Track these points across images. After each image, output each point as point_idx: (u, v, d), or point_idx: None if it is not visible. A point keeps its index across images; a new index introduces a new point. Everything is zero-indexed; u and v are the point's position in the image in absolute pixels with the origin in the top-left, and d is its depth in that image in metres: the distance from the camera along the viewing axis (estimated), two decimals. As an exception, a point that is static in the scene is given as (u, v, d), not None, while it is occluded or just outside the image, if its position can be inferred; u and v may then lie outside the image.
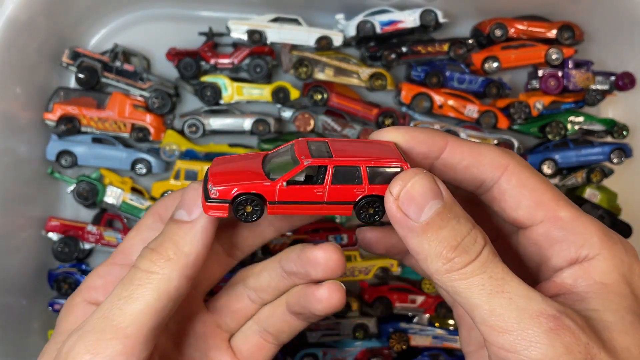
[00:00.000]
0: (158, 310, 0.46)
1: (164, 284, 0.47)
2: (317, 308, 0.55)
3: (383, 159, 0.48)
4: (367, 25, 1.31)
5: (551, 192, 0.51)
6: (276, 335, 0.62)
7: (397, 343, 1.37)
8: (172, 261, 0.47)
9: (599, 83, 1.39)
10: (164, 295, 0.46)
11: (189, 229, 0.48)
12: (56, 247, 1.28)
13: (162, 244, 0.48)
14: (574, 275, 0.48)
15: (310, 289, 0.56)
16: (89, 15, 1.30)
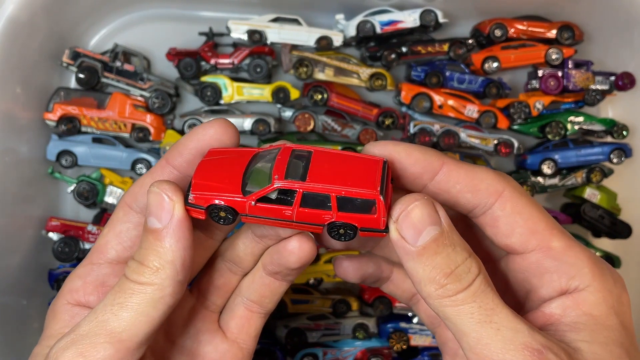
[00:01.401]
0: (154, 318, 0.47)
1: (157, 293, 0.47)
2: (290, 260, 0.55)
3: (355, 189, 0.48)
4: (367, 25, 1.31)
5: (545, 221, 0.51)
6: (259, 301, 0.62)
7: (397, 343, 1.37)
8: (160, 271, 0.47)
9: (599, 83, 1.39)
10: (159, 303, 0.47)
11: (164, 236, 0.47)
12: (56, 247, 1.28)
13: (146, 257, 0.47)
14: (563, 306, 0.49)
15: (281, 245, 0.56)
16: (89, 15, 1.30)
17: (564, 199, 1.49)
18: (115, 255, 0.54)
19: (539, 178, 1.40)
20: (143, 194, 0.51)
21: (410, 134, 1.37)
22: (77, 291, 0.54)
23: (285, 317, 1.37)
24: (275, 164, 0.49)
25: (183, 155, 0.52)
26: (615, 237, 1.42)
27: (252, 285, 0.61)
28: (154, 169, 0.53)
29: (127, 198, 0.54)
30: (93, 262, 0.54)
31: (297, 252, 0.55)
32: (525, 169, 1.41)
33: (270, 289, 0.61)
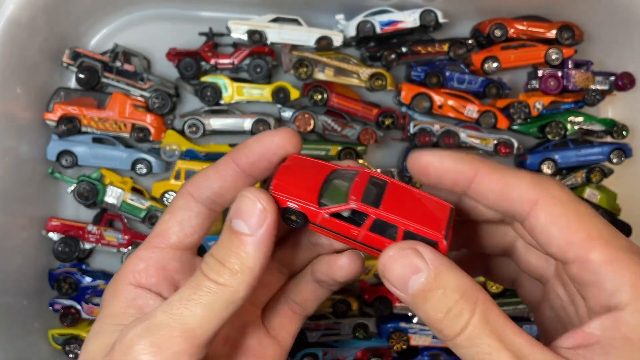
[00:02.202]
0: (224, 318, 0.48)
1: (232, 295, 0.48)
2: (338, 274, 0.58)
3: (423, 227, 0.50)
4: (367, 25, 1.31)
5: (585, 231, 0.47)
6: (302, 304, 0.64)
7: (397, 342, 1.37)
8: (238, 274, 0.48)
9: (599, 83, 1.39)
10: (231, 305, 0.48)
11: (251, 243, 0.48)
12: (56, 247, 1.28)
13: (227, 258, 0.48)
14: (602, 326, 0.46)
15: (333, 258, 0.58)
16: (89, 15, 1.30)
17: (563, 199, 1.49)
18: (177, 240, 0.55)
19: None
20: (206, 186, 0.54)
21: (410, 134, 1.37)
22: (139, 273, 0.54)
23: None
24: (353, 185, 0.52)
25: (248, 157, 0.54)
26: (615, 237, 1.42)
27: (298, 287, 0.63)
28: (219, 165, 0.55)
29: (190, 188, 0.55)
30: (155, 245, 0.55)
31: (346, 268, 0.58)
32: (525, 169, 1.41)
33: (314, 294, 0.63)
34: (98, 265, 1.36)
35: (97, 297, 1.33)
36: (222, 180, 0.54)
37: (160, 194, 1.32)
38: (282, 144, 0.53)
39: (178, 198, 0.56)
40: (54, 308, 1.30)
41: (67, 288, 1.29)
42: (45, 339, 1.28)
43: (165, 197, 1.32)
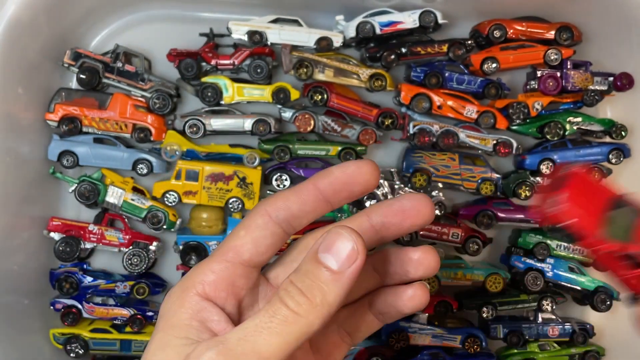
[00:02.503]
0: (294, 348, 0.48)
1: (306, 328, 0.47)
2: (407, 306, 0.58)
3: None
4: (366, 26, 1.32)
5: None
6: (353, 334, 0.64)
7: (396, 342, 1.38)
8: (318, 308, 0.48)
9: (598, 84, 1.39)
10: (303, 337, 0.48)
11: (337, 280, 0.48)
12: (57, 247, 1.29)
13: (310, 289, 0.48)
14: None
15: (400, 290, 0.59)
16: (90, 16, 1.30)
17: (562, 199, 1.50)
18: (249, 257, 0.55)
19: (537, 178, 1.41)
20: (285, 208, 0.54)
21: (409, 134, 1.37)
22: (209, 284, 0.53)
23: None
24: None
25: (332, 184, 0.54)
26: (614, 236, 1.43)
27: (352, 318, 0.63)
28: (300, 188, 0.55)
29: (269, 207, 0.55)
30: (228, 260, 0.54)
31: (416, 300, 0.58)
32: (524, 169, 1.42)
33: (367, 326, 0.63)
34: (99, 265, 1.37)
35: (98, 296, 1.34)
36: (302, 204, 0.54)
37: (161, 193, 1.33)
38: (366, 175, 0.54)
39: (255, 216, 0.55)
40: (55, 307, 1.30)
41: (68, 288, 1.29)
42: (47, 338, 1.29)
43: (166, 197, 1.32)
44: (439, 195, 1.37)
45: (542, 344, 1.45)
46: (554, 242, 1.43)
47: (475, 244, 1.41)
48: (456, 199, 1.48)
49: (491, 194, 1.39)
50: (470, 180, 1.39)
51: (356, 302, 0.63)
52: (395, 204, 0.57)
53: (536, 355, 1.44)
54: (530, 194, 1.38)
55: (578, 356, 1.44)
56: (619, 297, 1.44)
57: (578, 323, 1.46)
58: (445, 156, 1.39)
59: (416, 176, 1.36)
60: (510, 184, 1.39)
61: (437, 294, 1.40)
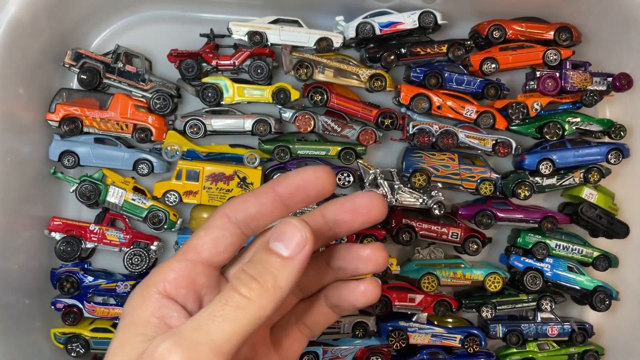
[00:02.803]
0: (247, 334, 0.49)
1: (259, 312, 0.49)
2: (360, 300, 0.61)
3: None
4: (366, 26, 1.32)
5: None
6: (312, 327, 0.66)
7: (396, 341, 1.38)
8: (269, 292, 0.50)
9: (597, 84, 1.39)
10: (256, 322, 0.49)
11: (287, 265, 0.51)
12: (58, 247, 1.29)
13: (261, 274, 0.50)
14: None
15: (353, 285, 0.61)
16: (91, 16, 1.31)
17: (562, 198, 1.50)
18: (209, 256, 0.57)
19: (537, 178, 1.41)
20: (243, 210, 0.56)
21: (409, 135, 1.38)
22: (169, 282, 0.55)
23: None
24: None
25: (289, 187, 0.56)
26: (613, 236, 1.43)
27: (310, 311, 0.65)
28: (259, 192, 0.57)
29: (228, 209, 0.57)
30: (188, 258, 0.57)
31: (368, 295, 0.60)
32: (523, 169, 1.42)
33: (325, 318, 0.66)
34: (100, 265, 1.37)
35: (98, 296, 1.34)
36: (260, 206, 0.56)
37: (162, 193, 1.33)
38: (321, 179, 0.56)
39: (215, 217, 0.57)
40: (56, 307, 1.31)
41: (69, 287, 1.30)
42: (48, 338, 1.29)
43: (166, 197, 1.33)
44: (438, 195, 1.38)
45: (541, 343, 1.46)
46: (553, 241, 1.43)
47: (474, 244, 1.41)
48: (455, 198, 1.48)
49: (490, 194, 1.39)
50: (470, 180, 1.39)
51: (313, 296, 0.65)
52: (348, 202, 0.59)
53: (535, 355, 1.44)
54: (529, 194, 1.39)
55: (577, 355, 1.44)
56: (618, 296, 1.45)
57: (577, 322, 1.46)
58: (445, 156, 1.40)
59: (416, 176, 1.37)
60: (510, 184, 1.39)
61: (437, 294, 1.40)
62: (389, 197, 1.37)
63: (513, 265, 1.43)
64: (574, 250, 1.44)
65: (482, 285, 1.41)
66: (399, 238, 1.38)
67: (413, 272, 1.40)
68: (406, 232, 1.38)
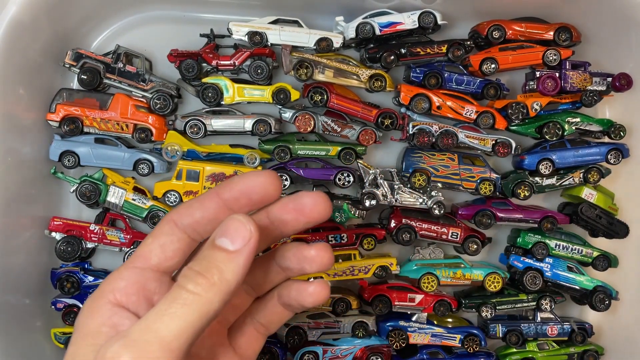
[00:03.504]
0: (197, 329, 0.49)
1: (207, 306, 0.49)
2: (307, 301, 0.62)
3: None
4: (366, 27, 1.33)
5: None
6: (267, 325, 0.68)
7: (396, 341, 1.38)
8: (216, 286, 0.50)
9: (596, 84, 1.40)
10: (205, 317, 0.49)
11: (233, 258, 0.51)
12: (59, 247, 1.29)
13: (207, 269, 0.51)
14: None
15: (303, 285, 0.62)
16: (91, 17, 1.31)
17: (561, 198, 1.50)
18: (157, 262, 0.58)
19: (536, 178, 1.41)
20: (189, 215, 0.57)
21: (409, 135, 1.38)
22: (119, 291, 0.56)
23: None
24: None
25: (232, 192, 0.57)
26: (613, 236, 1.43)
27: (264, 310, 0.67)
28: (204, 197, 0.58)
29: (174, 215, 0.58)
30: (136, 266, 0.57)
31: (316, 295, 0.62)
32: (523, 169, 1.42)
33: (279, 316, 0.67)
34: (100, 265, 1.37)
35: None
36: (205, 211, 0.57)
37: (162, 193, 1.33)
38: (264, 184, 0.57)
39: (161, 224, 0.58)
40: (56, 307, 1.31)
41: (70, 287, 1.30)
42: (48, 338, 1.29)
43: (167, 197, 1.33)
44: (438, 195, 1.38)
45: (541, 343, 1.46)
46: (553, 241, 1.43)
47: (474, 244, 1.42)
48: (455, 198, 1.48)
49: (490, 194, 1.40)
50: (470, 180, 1.40)
51: (266, 295, 0.67)
52: (292, 202, 0.59)
53: (535, 355, 1.44)
54: (529, 194, 1.39)
55: (577, 355, 1.45)
56: (617, 296, 1.45)
57: (577, 322, 1.46)
58: (445, 156, 1.40)
59: (415, 176, 1.37)
60: (509, 184, 1.40)
61: (436, 293, 1.40)
62: (389, 197, 1.37)
63: (513, 265, 1.44)
64: (574, 250, 1.44)
65: (481, 285, 1.42)
66: (399, 238, 1.38)
67: (413, 272, 1.40)
68: (406, 232, 1.38)
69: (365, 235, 1.39)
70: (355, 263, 1.38)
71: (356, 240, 1.39)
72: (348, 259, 1.40)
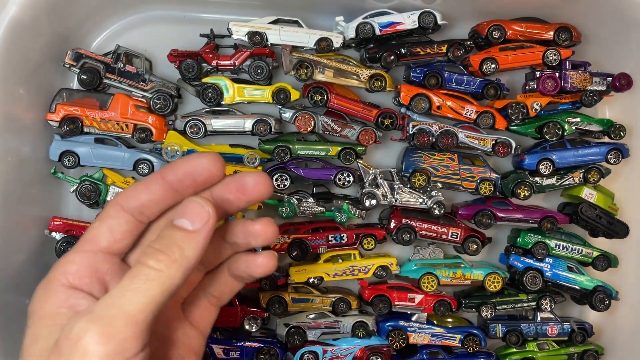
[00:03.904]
0: (160, 303, 0.52)
1: (169, 282, 0.52)
2: (256, 272, 0.65)
3: None
4: (366, 27, 1.33)
5: None
6: (219, 297, 0.71)
7: (395, 341, 1.38)
8: (177, 263, 0.53)
9: (596, 84, 1.40)
10: (167, 291, 0.52)
11: (193, 237, 0.55)
12: (59, 246, 1.29)
13: (168, 247, 0.54)
14: None
15: (251, 257, 0.65)
16: (91, 17, 1.31)
17: (561, 198, 1.50)
18: (107, 245, 0.59)
19: (536, 178, 1.41)
20: (135, 198, 0.59)
21: (409, 135, 1.38)
22: (71, 274, 0.57)
23: (286, 315, 1.38)
24: None
25: (176, 174, 0.59)
26: (613, 236, 1.43)
27: (215, 283, 0.69)
28: (149, 180, 0.60)
29: (120, 199, 0.60)
30: (85, 249, 0.59)
31: (264, 266, 0.64)
32: (523, 169, 1.42)
33: (230, 287, 0.70)
34: (100, 265, 1.37)
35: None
36: (150, 194, 0.59)
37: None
38: (207, 165, 0.59)
39: (108, 208, 0.60)
40: (56, 307, 1.30)
41: (70, 287, 1.30)
42: (48, 338, 1.29)
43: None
44: (438, 195, 1.38)
45: (541, 343, 1.46)
46: (553, 241, 1.43)
47: (474, 244, 1.42)
48: (455, 198, 1.48)
49: (490, 194, 1.40)
50: (470, 180, 1.40)
51: (216, 269, 0.69)
52: (235, 182, 0.62)
53: (535, 355, 1.44)
54: (529, 194, 1.39)
55: (577, 355, 1.45)
56: (617, 296, 1.45)
57: (577, 322, 1.46)
58: (445, 156, 1.40)
59: (415, 176, 1.37)
60: (509, 184, 1.40)
61: (437, 293, 1.40)
62: (389, 197, 1.37)
63: (513, 265, 1.44)
64: (574, 250, 1.44)
65: (481, 285, 1.42)
66: (399, 238, 1.38)
67: (413, 272, 1.40)
68: (406, 232, 1.38)
69: (365, 235, 1.39)
70: (355, 263, 1.38)
71: (356, 240, 1.39)
72: (348, 258, 1.40)
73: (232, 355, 1.34)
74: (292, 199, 1.36)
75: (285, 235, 1.37)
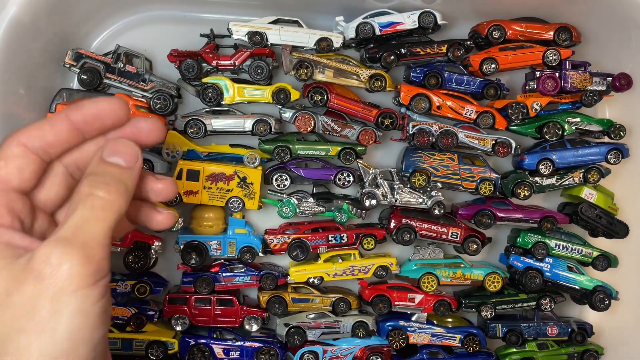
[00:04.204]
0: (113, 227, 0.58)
1: (119, 210, 0.58)
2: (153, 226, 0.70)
3: None
4: (366, 27, 1.33)
5: None
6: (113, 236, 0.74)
7: (396, 341, 1.38)
8: (123, 193, 0.59)
9: (596, 84, 1.40)
10: (118, 217, 0.58)
11: (129, 173, 0.61)
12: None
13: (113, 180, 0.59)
14: None
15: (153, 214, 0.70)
16: (91, 17, 1.31)
17: (561, 198, 1.50)
18: (18, 184, 0.61)
19: (536, 178, 1.41)
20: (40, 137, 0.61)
21: (409, 135, 1.38)
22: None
23: (286, 315, 1.38)
24: None
25: (84, 115, 0.62)
26: (613, 236, 1.43)
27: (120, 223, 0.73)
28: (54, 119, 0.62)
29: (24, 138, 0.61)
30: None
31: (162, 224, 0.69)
32: (523, 169, 1.42)
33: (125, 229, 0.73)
34: (100, 265, 1.37)
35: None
36: (56, 134, 0.61)
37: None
38: (117, 110, 0.62)
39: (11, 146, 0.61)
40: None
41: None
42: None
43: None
44: (438, 195, 1.38)
45: (541, 342, 1.46)
46: (553, 241, 1.44)
47: (474, 244, 1.42)
48: (455, 198, 1.48)
49: (490, 194, 1.40)
50: (470, 180, 1.40)
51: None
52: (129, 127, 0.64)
53: (535, 354, 1.44)
54: (529, 194, 1.39)
55: (577, 355, 1.45)
56: (617, 296, 1.45)
57: (577, 322, 1.46)
58: (445, 156, 1.40)
59: (415, 176, 1.37)
60: (509, 184, 1.40)
61: (437, 293, 1.40)
62: (389, 197, 1.37)
63: (513, 265, 1.44)
64: (574, 250, 1.44)
65: (481, 285, 1.42)
66: (399, 238, 1.38)
67: (413, 272, 1.40)
68: (406, 232, 1.38)
69: (365, 235, 1.39)
70: (355, 263, 1.38)
71: (356, 240, 1.39)
72: (347, 258, 1.40)
73: (232, 355, 1.34)
74: (292, 199, 1.36)
75: (285, 235, 1.37)
